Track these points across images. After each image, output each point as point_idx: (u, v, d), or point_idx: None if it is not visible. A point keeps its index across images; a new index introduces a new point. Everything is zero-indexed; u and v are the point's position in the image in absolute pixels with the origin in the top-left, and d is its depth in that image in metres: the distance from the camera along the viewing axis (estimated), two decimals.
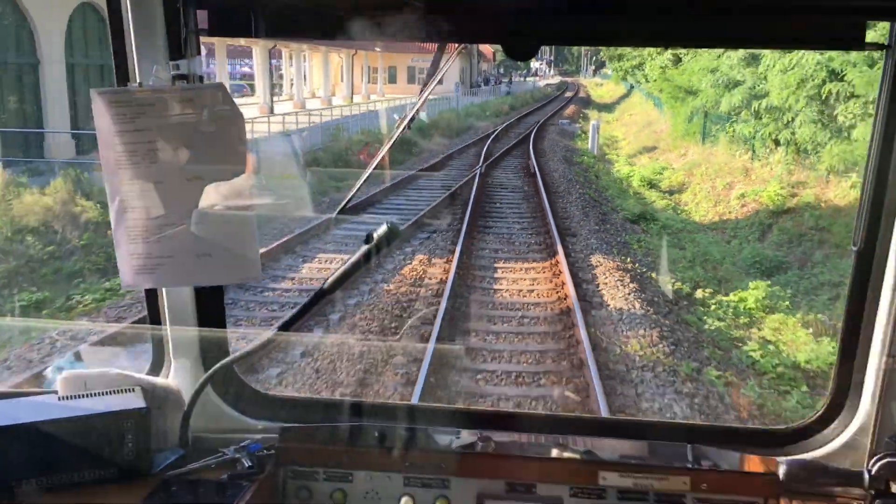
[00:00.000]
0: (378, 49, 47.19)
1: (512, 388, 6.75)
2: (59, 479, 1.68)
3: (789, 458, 1.75)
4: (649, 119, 36.00)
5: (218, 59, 30.53)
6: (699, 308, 9.99)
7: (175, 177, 1.61)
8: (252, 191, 1.67)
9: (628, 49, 43.34)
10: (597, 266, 10.80)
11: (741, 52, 19.45)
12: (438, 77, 1.95)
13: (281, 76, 46.40)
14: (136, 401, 1.75)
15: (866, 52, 10.07)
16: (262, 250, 10.20)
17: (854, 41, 1.55)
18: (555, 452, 1.83)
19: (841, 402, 1.82)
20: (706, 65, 23.26)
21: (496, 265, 10.75)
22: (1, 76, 16.59)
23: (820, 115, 15.41)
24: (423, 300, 9.14)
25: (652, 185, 20.93)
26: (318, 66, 43.90)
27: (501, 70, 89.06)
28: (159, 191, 1.62)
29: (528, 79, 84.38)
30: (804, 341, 9.15)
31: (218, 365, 1.77)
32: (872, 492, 1.64)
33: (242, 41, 34.17)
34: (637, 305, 8.99)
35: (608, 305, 9.03)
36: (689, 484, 1.72)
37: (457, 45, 2.02)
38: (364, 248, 1.63)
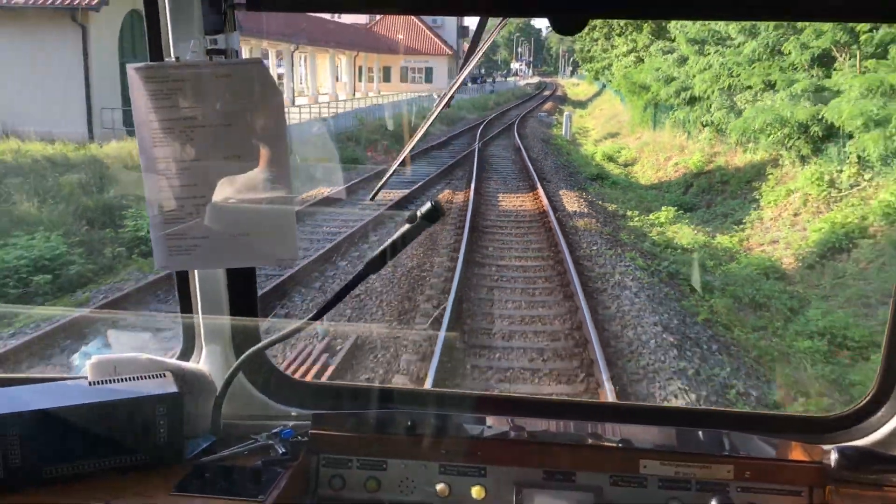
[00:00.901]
0: (376, 52, 52.70)
1: (514, 228, 12.45)
2: (90, 464, 1.64)
3: (837, 445, 1.69)
4: (615, 112, 41.83)
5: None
6: (627, 218, 15.76)
7: (212, 155, 1.57)
8: (290, 170, 1.61)
9: (599, 51, 49.25)
10: (563, 196, 16.50)
11: (676, 55, 25.34)
12: (479, 54, 1.77)
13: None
14: (168, 386, 1.71)
15: (754, 48, 15.90)
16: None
17: None
18: (591, 440, 1.79)
19: (888, 389, 1.77)
20: (655, 65, 29.05)
21: (498, 195, 16.46)
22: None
23: (727, 102, 21.16)
24: (451, 221, 14.76)
25: (611, 159, 26.71)
26: (324, 66, 49.25)
27: (483, 70, 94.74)
28: (195, 169, 1.57)
29: (508, 78, 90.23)
30: (690, 233, 14.87)
31: (250, 351, 1.75)
32: None
33: (265, 43, 39.37)
34: (586, 211, 14.73)
35: (568, 210, 14.76)
36: (733, 472, 1.67)
37: (500, 19, 1.76)
38: (407, 226, 1.59)
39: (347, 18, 53.21)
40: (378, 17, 57.83)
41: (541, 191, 16.25)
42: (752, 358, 8.34)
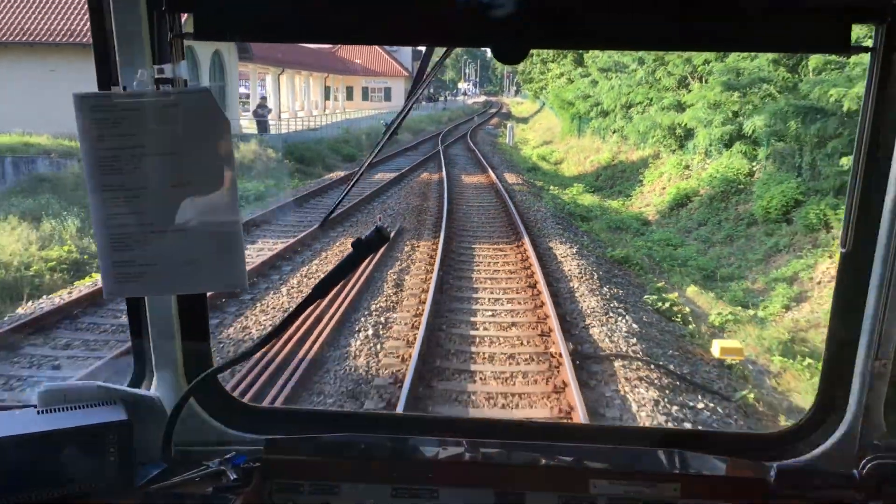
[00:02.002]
0: (342, 74, 59.54)
1: (474, 190, 19.49)
2: (38, 495, 1.61)
3: (779, 462, 1.73)
4: (551, 125, 49.57)
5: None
6: (549, 190, 23.05)
7: (159, 183, 1.57)
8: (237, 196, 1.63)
9: (538, 73, 57.18)
10: (507, 177, 23.70)
11: (590, 78, 33.09)
12: (428, 81, 1.85)
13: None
14: (118, 413, 1.69)
15: (641, 74, 23.79)
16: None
17: (840, 44, 1.53)
18: (544, 460, 1.80)
19: (829, 405, 1.80)
20: (578, 86, 36.72)
21: (461, 175, 23.57)
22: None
23: (626, 114, 28.73)
24: (434, 184, 21.66)
25: (544, 158, 34.16)
26: (301, 86, 55.81)
27: (432, 90, 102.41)
28: (143, 197, 1.57)
29: (458, 98, 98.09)
30: (590, 199, 22.16)
31: (201, 376, 1.76)
32: (863, 494, 1.63)
33: (250, 66, 45.64)
34: (522, 186, 21.98)
35: (510, 184, 22.02)
36: (680, 490, 1.71)
37: (445, 49, 1.83)
38: (353, 252, 1.59)
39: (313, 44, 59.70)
40: None
41: (491, 173, 23.40)
42: (604, 241, 15.61)
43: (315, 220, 15.27)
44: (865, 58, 1.58)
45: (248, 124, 31.15)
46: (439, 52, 1.77)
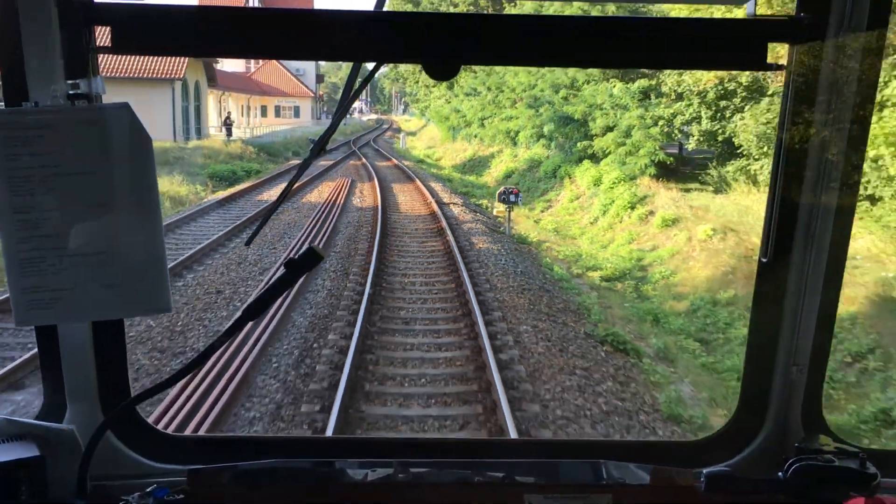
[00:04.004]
0: (259, 95, 71.05)
1: (387, 169, 32.77)
2: None
3: (706, 469, 1.76)
4: (433, 136, 63.53)
5: None
6: (433, 172, 36.70)
7: (75, 203, 1.48)
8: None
9: (423, 94, 71.12)
10: (404, 163, 37.16)
11: (458, 99, 47.23)
12: (355, 98, 1.80)
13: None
14: (29, 449, 1.60)
15: (490, 97, 38.22)
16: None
17: (756, 63, 1.60)
18: (476, 478, 1.79)
19: (751, 410, 1.86)
20: (452, 104, 50.65)
21: (376, 162, 36.88)
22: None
23: (480, 125, 42.77)
24: (360, 166, 34.51)
25: (428, 156, 47.85)
26: (232, 105, 66.85)
27: (325, 109, 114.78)
28: (57, 219, 1.48)
29: (353, 115, 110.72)
30: (457, 176, 35.83)
31: (119, 406, 1.71)
32: (790, 495, 1.67)
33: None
34: (414, 168, 35.53)
35: (406, 166, 35.57)
36: (612, 500, 1.73)
37: (373, 64, 1.83)
38: (285, 273, 1.54)
39: (230, 67, 70.53)
40: (254, 67, 76.23)
41: (394, 160, 36.78)
42: (463, 192, 29.40)
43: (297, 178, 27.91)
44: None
45: (214, 132, 42.91)
46: (366, 68, 1.76)
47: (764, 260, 1.74)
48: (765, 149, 19.13)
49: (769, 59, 1.59)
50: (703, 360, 10.70)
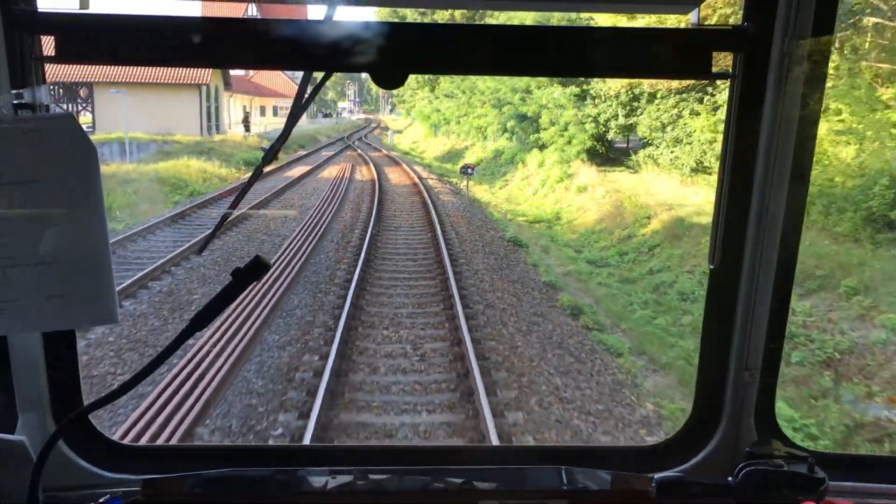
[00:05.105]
0: (259, 96, 78.24)
1: (379, 158, 40.37)
2: None
3: (659, 474, 1.78)
4: (418, 134, 71.08)
5: None
6: (416, 160, 44.30)
7: (19, 213, 1.48)
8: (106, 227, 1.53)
9: (409, 95, 78.44)
10: (392, 154, 44.73)
11: (439, 101, 54.84)
12: (306, 107, 1.86)
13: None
14: None
15: (464, 99, 46.10)
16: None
17: (702, 71, 1.60)
18: (435, 484, 1.80)
19: (704, 416, 1.88)
20: (433, 105, 58.13)
21: (368, 152, 44.41)
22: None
23: (457, 122, 50.25)
24: (356, 155, 41.92)
25: (413, 150, 55.41)
26: (235, 104, 73.93)
27: (315, 108, 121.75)
28: (2, 229, 1.47)
29: (343, 115, 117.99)
30: (437, 164, 43.40)
31: (70, 416, 1.66)
32: (738, 500, 1.70)
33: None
34: (402, 158, 43.18)
35: (395, 156, 43.23)
36: None
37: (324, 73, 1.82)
38: (232, 282, 1.52)
39: (233, 72, 77.39)
40: (253, 71, 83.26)
41: (384, 151, 44.36)
42: (439, 173, 37.02)
43: (309, 162, 35.07)
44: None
45: (228, 128, 50.31)
46: (317, 75, 1.78)
47: (713, 266, 1.74)
48: (660, 138, 26.70)
49: (714, 69, 1.60)
50: (568, 253, 18.42)
